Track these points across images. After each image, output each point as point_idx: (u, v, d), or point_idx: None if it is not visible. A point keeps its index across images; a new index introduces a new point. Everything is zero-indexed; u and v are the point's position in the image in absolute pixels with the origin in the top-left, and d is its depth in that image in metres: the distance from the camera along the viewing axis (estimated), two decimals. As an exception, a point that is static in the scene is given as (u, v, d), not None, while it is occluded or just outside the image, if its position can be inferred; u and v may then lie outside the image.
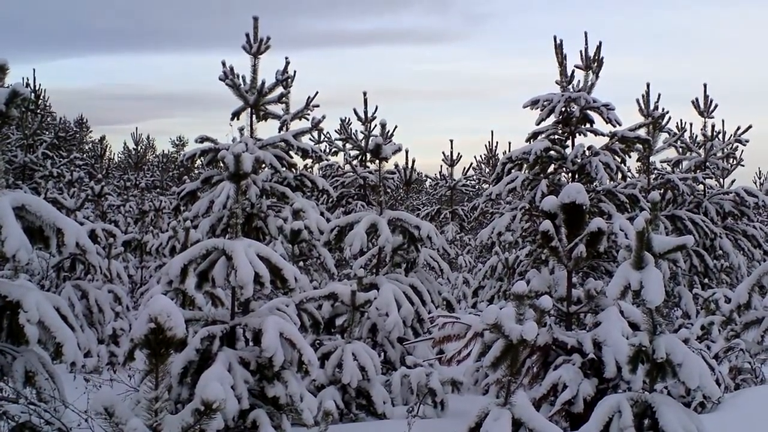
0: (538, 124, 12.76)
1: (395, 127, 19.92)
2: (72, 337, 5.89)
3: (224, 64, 12.32)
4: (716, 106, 18.19)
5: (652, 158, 17.39)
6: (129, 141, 39.36)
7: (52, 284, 12.50)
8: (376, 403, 7.83)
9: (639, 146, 13.68)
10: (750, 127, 18.11)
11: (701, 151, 18.06)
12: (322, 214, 12.27)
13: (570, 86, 12.89)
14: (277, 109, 13.02)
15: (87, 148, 37.79)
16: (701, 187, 17.27)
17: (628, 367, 5.78)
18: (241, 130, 12.37)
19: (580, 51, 13.03)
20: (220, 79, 12.35)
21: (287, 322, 6.50)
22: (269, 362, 6.10)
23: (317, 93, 13.96)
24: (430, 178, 28.99)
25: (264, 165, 11.80)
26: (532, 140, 12.79)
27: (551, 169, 12.90)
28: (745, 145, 18.37)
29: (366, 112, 18.99)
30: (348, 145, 19.88)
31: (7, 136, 20.37)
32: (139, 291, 14.60)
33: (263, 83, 12.44)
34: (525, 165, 12.67)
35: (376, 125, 18.81)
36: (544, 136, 12.74)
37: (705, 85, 18.25)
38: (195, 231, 10.64)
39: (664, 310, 15.57)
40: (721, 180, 18.64)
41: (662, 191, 16.59)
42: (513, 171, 12.79)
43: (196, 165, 16.83)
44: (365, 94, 19.08)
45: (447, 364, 8.63)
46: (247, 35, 12.57)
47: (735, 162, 19.14)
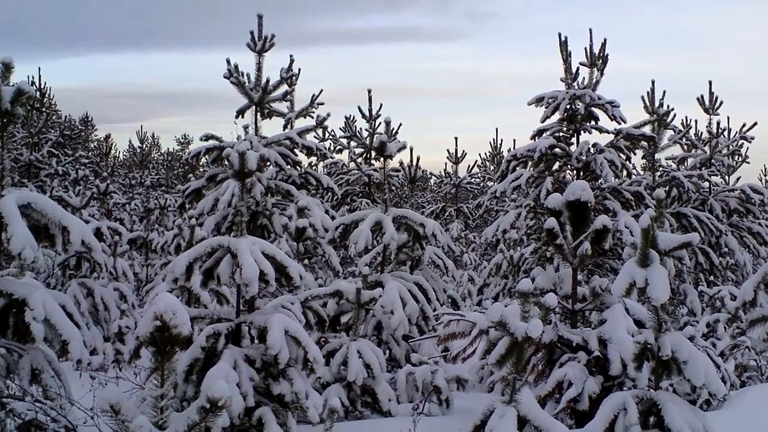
0: (543, 121, 12.74)
1: (400, 124, 19.93)
2: (78, 334, 5.91)
3: (229, 62, 12.33)
4: (721, 103, 18.16)
5: (657, 155, 17.35)
6: (134, 139, 39.46)
7: (58, 282, 12.53)
8: (382, 401, 7.82)
9: (644, 143, 13.65)
10: (755, 124, 18.08)
11: (706, 148, 18.03)
12: (326, 212, 12.28)
13: (575, 83, 12.87)
14: (282, 107, 13.03)
15: (92, 146, 37.90)
16: (706, 184, 17.24)
17: (634, 365, 5.79)
18: (245, 128, 12.39)
19: (585, 48, 13.00)
20: (225, 77, 12.37)
21: (292, 319, 6.50)
22: (274, 360, 6.10)
23: (322, 91, 13.97)
24: (435, 175, 29.05)
25: (269, 163, 11.83)
26: (536, 138, 12.78)
27: (556, 166, 12.88)
28: (750, 142, 18.33)
29: (370, 110, 19.01)
30: (353, 143, 19.92)
31: (13, 134, 20.42)
32: (145, 289, 14.63)
33: (268, 81, 12.45)
34: (530, 162, 12.65)
35: (380, 123, 18.83)
36: (548, 133, 12.72)
37: (710, 82, 18.22)
38: (200, 229, 10.65)
39: (669, 307, 15.55)
40: (727, 177, 18.59)
41: (667, 188, 16.57)
42: (518, 168, 12.77)
43: (201, 163, 16.89)
44: (369, 91, 19.12)
45: (452, 361, 8.64)
46: (252, 33, 12.58)
47: (740, 159, 19.09)
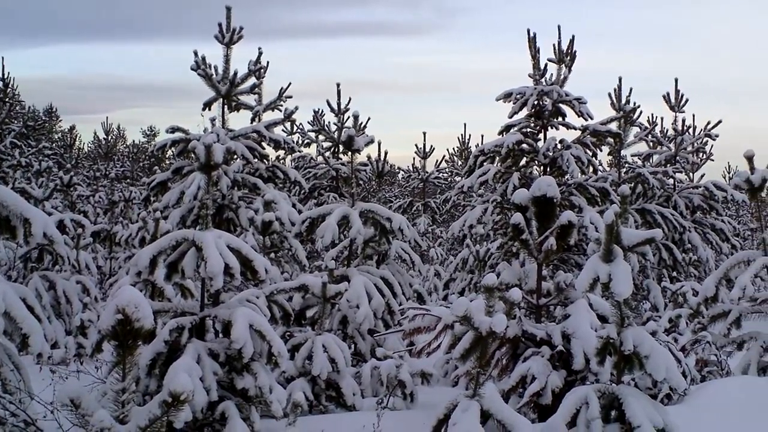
0: (511, 117, 12.80)
1: (368, 119, 19.91)
2: (39, 328, 5.84)
3: (196, 53, 12.24)
4: (687, 100, 18.37)
5: (623, 152, 17.54)
6: (99, 131, 39.03)
7: (19, 275, 12.37)
8: (346, 395, 7.82)
9: (610, 140, 13.76)
10: (720, 121, 18.32)
11: (671, 145, 18.24)
12: (294, 205, 12.24)
13: (543, 80, 12.95)
14: (250, 99, 12.96)
15: (56, 137, 37.43)
16: (671, 181, 17.45)
17: (596, 359, 5.83)
18: (212, 120, 12.31)
19: (553, 45, 13.09)
20: (192, 69, 12.27)
21: (257, 313, 6.47)
22: (239, 354, 6.07)
23: (290, 84, 13.94)
24: (403, 170, 29.00)
25: (236, 156, 11.75)
26: (504, 133, 12.84)
27: (523, 162, 12.95)
28: (714, 139, 18.57)
29: (339, 104, 18.97)
30: (321, 137, 19.85)
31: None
32: (108, 282, 14.49)
33: (235, 74, 12.38)
34: (497, 158, 12.72)
35: (349, 117, 18.80)
36: (516, 129, 12.78)
37: (676, 80, 18.44)
38: (165, 222, 10.58)
39: (632, 302, 15.79)
40: (691, 174, 18.84)
41: (633, 185, 16.75)
42: (485, 164, 12.83)
43: (167, 155, 16.75)
44: (338, 85, 19.08)
45: (417, 356, 8.65)
46: (220, 25, 12.49)
47: (705, 156, 19.35)
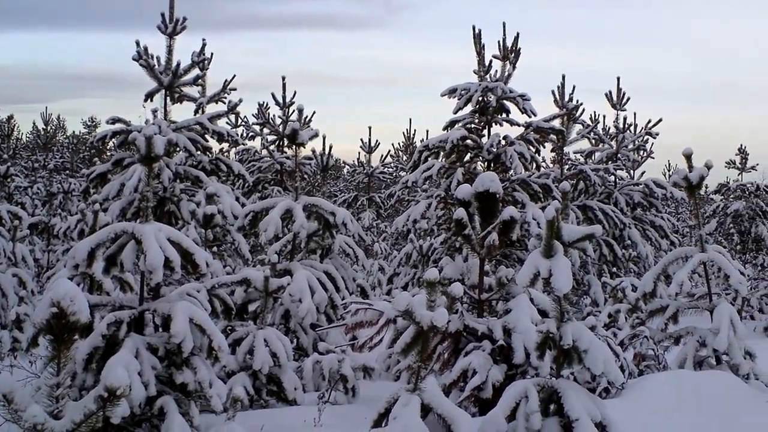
0: (456, 112, 12.83)
1: (313, 112, 19.82)
2: (-29, 321, 5.69)
3: (138, 43, 12.02)
4: (628, 99, 18.66)
5: (565, 149, 17.74)
6: (39, 121, 38.22)
7: (-46, 268, 12.07)
8: (287, 390, 7.78)
9: (553, 137, 13.92)
10: (660, 120, 18.65)
11: (613, 142, 18.50)
12: (237, 199, 12.13)
13: (487, 76, 13.00)
14: (193, 91, 12.79)
15: (-7, 128, 36.56)
16: (612, 178, 17.70)
17: (536, 354, 5.88)
18: (154, 112, 12.12)
19: (498, 41, 13.14)
20: (134, 59, 12.05)
21: (198, 307, 6.40)
22: (178, 348, 6.00)
23: (234, 76, 13.75)
24: (348, 164, 28.94)
25: (178, 148, 11.58)
26: (449, 129, 12.86)
27: (467, 157, 12.99)
28: (655, 137, 18.89)
29: (284, 97, 18.84)
30: (265, 130, 19.69)
31: None
32: (46, 275, 14.21)
33: (178, 65, 12.19)
34: (442, 153, 12.73)
35: (294, 110, 18.66)
36: (461, 124, 12.82)
37: (618, 79, 18.70)
38: (105, 214, 10.39)
39: (573, 298, 16.00)
40: (632, 171, 19.14)
41: (575, 181, 16.95)
42: (430, 159, 12.84)
43: (108, 147, 16.46)
44: (284, 78, 18.95)
45: (359, 350, 8.65)
46: (163, 15, 12.29)
47: (645, 154, 19.68)
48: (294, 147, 10.45)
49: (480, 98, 12.62)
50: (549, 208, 5.78)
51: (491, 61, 13.01)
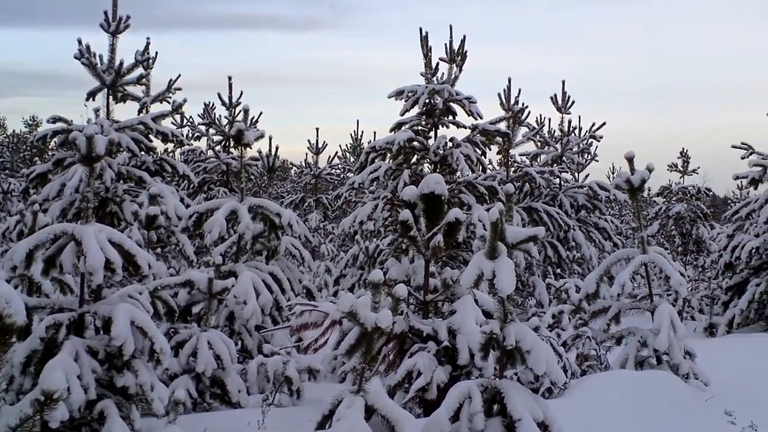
0: (403, 114, 12.85)
1: (260, 113, 19.64)
2: None
3: (80, 42, 11.83)
4: (573, 102, 18.90)
5: (512, 151, 17.91)
6: (-23, 120, 37.39)
7: None
8: (231, 392, 7.72)
9: (499, 139, 14.00)
10: (604, 123, 18.95)
11: (558, 145, 18.73)
12: (182, 199, 12.00)
13: (434, 78, 13.05)
14: (137, 90, 12.63)
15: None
16: (557, 180, 17.92)
17: (480, 354, 5.90)
18: (96, 111, 11.93)
19: (445, 44, 13.20)
20: (76, 57, 11.85)
21: (139, 309, 6.33)
22: (119, 351, 5.93)
23: (179, 76, 13.60)
24: (296, 165, 28.84)
25: (121, 148, 11.41)
26: (396, 130, 12.88)
27: (414, 159, 13.02)
28: (599, 141, 19.19)
29: (230, 97, 18.68)
30: (211, 131, 19.52)
31: None
32: (-15, 277, 13.87)
33: (122, 63, 12.01)
34: (389, 155, 12.75)
35: (240, 111, 18.50)
36: (408, 126, 12.84)
37: (563, 82, 18.94)
38: (45, 215, 10.17)
39: (518, 299, 16.13)
40: (576, 174, 19.39)
41: (520, 184, 17.12)
42: (377, 160, 12.84)
43: (49, 147, 16.15)
44: (230, 78, 18.78)
45: (304, 352, 8.61)
46: (106, 13, 12.10)
47: (589, 157, 19.96)
48: (240, 148, 10.37)
49: (427, 100, 12.66)
50: (492, 210, 5.80)
51: (438, 64, 13.07)
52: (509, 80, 17.07)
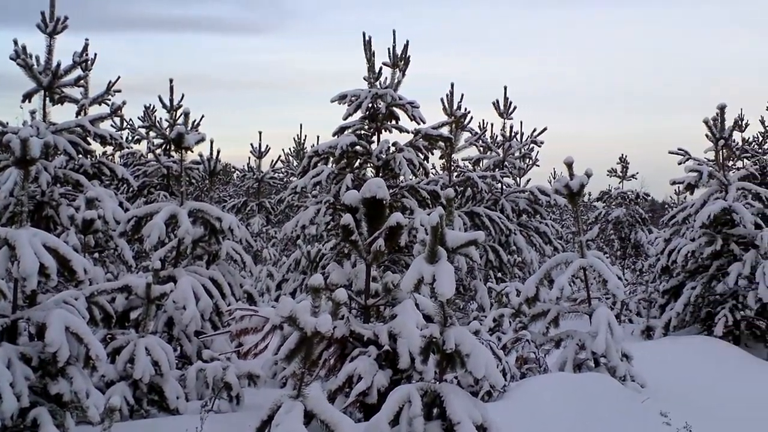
0: (346, 118, 12.86)
1: (202, 116, 19.41)
2: None
3: (16, 42, 11.56)
4: (515, 108, 19.09)
5: (454, 156, 18.04)
6: None
7: None
8: (169, 399, 7.62)
9: (442, 144, 14.10)
10: (545, 129, 19.17)
11: (500, 150, 18.89)
12: (121, 203, 11.81)
13: (377, 83, 13.09)
14: (75, 92, 12.38)
15: None
16: (499, 185, 18.08)
17: (420, 358, 5.92)
18: (33, 113, 11.68)
19: (388, 49, 13.25)
20: (12, 58, 11.58)
21: (75, 315, 6.21)
22: (53, 358, 5.82)
23: (119, 78, 13.40)
24: (238, 169, 28.58)
25: (58, 151, 11.19)
26: (339, 135, 12.88)
27: (357, 163, 13.05)
28: (540, 146, 19.39)
29: (171, 100, 18.44)
30: (152, 134, 19.25)
31: None
32: None
33: (59, 65, 11.76)
34: (331, 159, 12.74)
35: (182, 114, 18.28)
36: (350, 131, 12.86)
37: (505, 88, 19.13)
38: (-23, 220, 9.94)
39: (460, 303, 16.22)
40: (518, 179, 19.58)
41: (463, 188, 17.24)
42: (319, 165, 12.83)
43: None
44: (171, 81, 18.54)
45: (244, 357, 8.54)
46: (43, 14, 11.86)
47: (531, 162, 20.18)
48: (180, 151, 10.26)
49: (370, 105, 12.69)
50: (433, 214, 5.83)
51: (381, 68, 13.12)
52: (452, 85, 17.19)
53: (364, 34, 13.10)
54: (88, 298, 6.92)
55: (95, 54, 12.78)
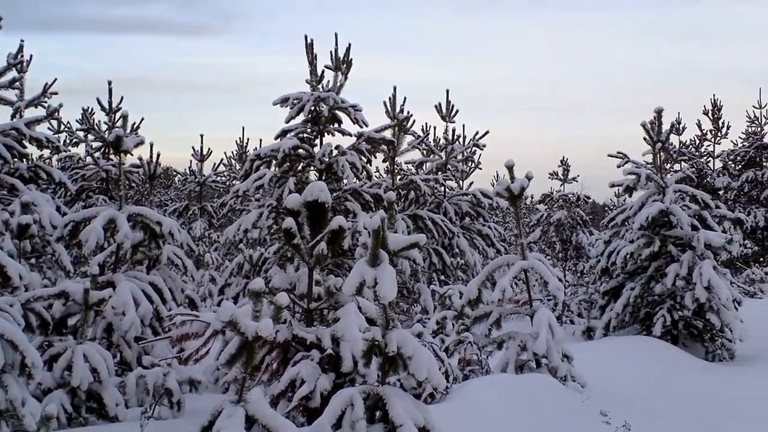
0: (288, 122, 12.79)
1: (141, 119, 19.19)
2: None
3: (-53, 43, 11.32)
4: (457, 111, 19.22)
5: (397, 159, 18.07)
6: None
7: None
8: (108, 406, 7.50)
9: (384, 147, 14.11)
10: (487, 132, 19.34)
11: (443, 153, 19.00)
12: (58, 208, 11.62)
13: (320, 86, 13.05)
14: (9, 94, 12.15)
15: None
16: (442, 188, 18.17)
17: (363, 361, 5.90)
18: (-35, 115, 11.42)
19: (331, 52, 13.22)
20: (-58, 60, 11.33)
21: (10, 322, 6.09)
22: (-13, 366, 5.66)
23: (56, 80, 13.16)
24: (180, 173, 28.27)
25: (-8, 155, 10.95)
26: (281, 138, 12.81)
27: (300, 167, 12.97)
28: (482, 149, 19.56)
29: (110, 103, 18.14)
30: (90, 137, 18.91)
31: None
32: None
33: (-7, 66, 11.55)
34: (274, 162, 12.65)
35: (121, 116, 17.99)
36: (293, 134, 12.79)
37: (447, 91, 19.25)
38: None
39: (404, 305, 16.26)
40: (461, 182, 19.72)
41: (406, 191, 17.29)
42: (262, 168, 12.73)
43: None
44: (110, 83, 18.23)
45: (185, 363, 8.43)
46: (-25, 15, 11.59)
47: (473, 165, 20.33)
48: (119, 155, 10.10)
49: (312, 108, 12.65)
50: (374, 217, 5.83)
51: (324, 72, 13.08)
52: (394, 89, 17.25)
53: (306, 37, 13.06)
54: (23, 305, 6.79)
55: (31, 55, 12.55)
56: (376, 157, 13.67)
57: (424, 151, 19.38)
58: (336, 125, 13.03)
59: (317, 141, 12.98)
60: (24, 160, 11.64)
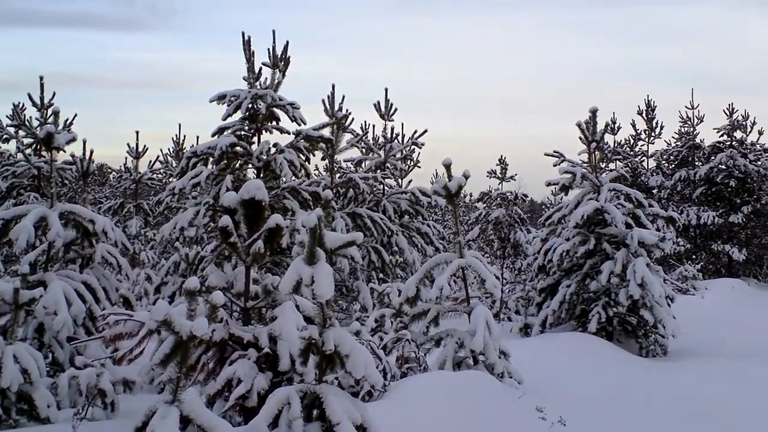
0: (225, 119, 12.67)
1: (75, 115, 18.78)
2: None
3: None
4: (396, 109, 19.28)
5: (336, 157, 18.06)
6: None
7: None
8: (40, 408, 7.33)
9: (323, 145, 14.06)
10: (426, 131, 19.42)
11: (382, 152, 19.03)
12: (-13, 206, 11.29)
13: (258, 83, 12.95)
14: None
15: None
16: (381, 186, 18.19)
17: (300, 360, 5.88)
18: None
19: (268, 49, 13.14)
20: None
21: (-66, 323, 5.89)
22: None
23: (-15, 74, 12.81)
24: (115, 170, 27.75)
25: None
26: (218, 135, 12.68)
27: (237, 164, 12.86)
28: (421, 147, 19.64)
29: (42, 98, 17.70)
30: (21, 133, 18.46)
31: None
32: None
33: None
34: (211, 160, 12.53)
35: (52, 112, 17.60)
36: (230, 131, 12.68)
37: (386, 90, 19.31)
38: None
39: (343, 303, 16.24)
40: (400, 180, 19.78)
41: (345, 189, 17.28)
42: (198, 165, 12.58)
43: None
44: (41, 78, 17.75)
45: (119, 363, 8.29)
46: None
47: (412, 163, 20.41)
48: (50, 151, 9.88)
49: (250, 105, 12.56)
50: (311, 215, 5.81)
51: (261, 69, 12.99)
52: (333, 87, 17.21)
53: (243, 34, 12.95)
54: (-51, 305, 6.57)
55: (-41, 49, 12.19)
56: (314, 155, 13.62)
57: (363, 150, 19.40)
58: (274, 123, 12.95)
59: (255, 139, 12.89)
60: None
